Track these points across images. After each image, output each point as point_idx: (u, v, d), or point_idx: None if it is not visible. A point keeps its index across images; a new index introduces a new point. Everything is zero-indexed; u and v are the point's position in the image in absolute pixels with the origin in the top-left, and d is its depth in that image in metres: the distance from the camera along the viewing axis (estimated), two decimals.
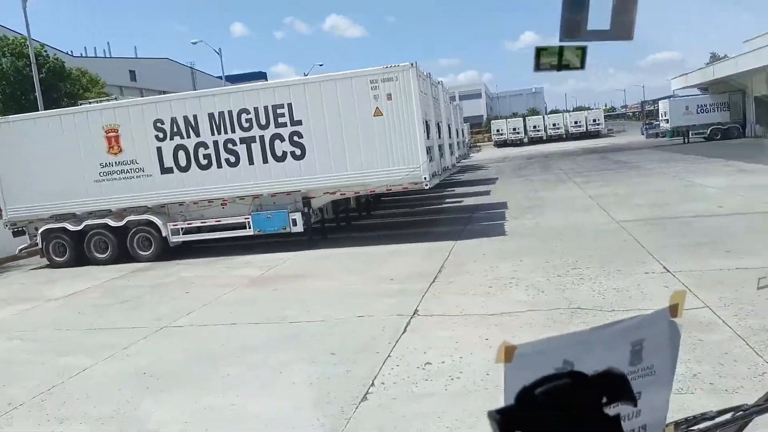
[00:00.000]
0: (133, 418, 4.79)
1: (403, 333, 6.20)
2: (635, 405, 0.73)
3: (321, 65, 52.59)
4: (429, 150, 12.00)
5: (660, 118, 41.66)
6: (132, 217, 12.65)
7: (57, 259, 13.07)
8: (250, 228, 12.30)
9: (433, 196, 18.88)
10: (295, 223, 12.08)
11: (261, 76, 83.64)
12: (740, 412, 0.95)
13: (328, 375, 5.26)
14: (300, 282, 9.32)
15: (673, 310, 0.75)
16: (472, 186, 21.88)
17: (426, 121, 11.93)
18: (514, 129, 62.13)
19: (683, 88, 41.99)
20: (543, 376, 0.66)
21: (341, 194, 12.34)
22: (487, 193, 19.05)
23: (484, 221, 13.50)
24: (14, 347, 7.25)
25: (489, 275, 8.29)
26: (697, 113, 35.42)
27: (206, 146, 12.16)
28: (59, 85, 36.23)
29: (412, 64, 11.32)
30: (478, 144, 60.81)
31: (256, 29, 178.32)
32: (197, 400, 5.00)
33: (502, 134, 62.26)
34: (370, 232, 13.78)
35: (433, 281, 8.29)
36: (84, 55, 61.58)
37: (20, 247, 13.57)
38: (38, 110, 24.67)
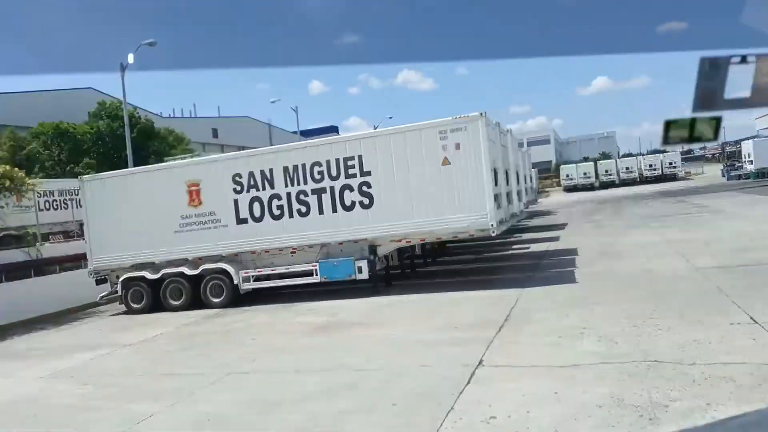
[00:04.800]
0: None
1: (467, 384, 5.99)
2: None
3: (390, 118, 54.07)
4: (497, 197, 11.88)
5: (743, 159, 39.44)
6: (207, 266, 13.14)
7: (134, 306, 13.70)
8: (317, 275, 12.46)
9: (500, 243, 18.52)
10: (360, 270, 12.15)
11: (333, 129, 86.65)
12: None
13: (388, 426, 5.12)
14: (363, 329, 9.27)
15: None
16: (541, 232, 21.30)
17: (494, 169, 11.87)
18: (585, 173, 60.54)
19: None
20: None
21: (407, 242, 12.35)
22: (556, 239, 18.48)
23: (553, 268, 13.06)
24: (87, 393, 7.54)
25: (558, 325, 7.94)
26: None
27: (279, 198, 12.60)
28: (148, 143, 39.04)
29: (481, 114, 11.39)
30: (546, 189, 59.73)
31: (333, 85, 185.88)
32: None
33: (571, 179, 60.78)
34: (435, 278, 13.63)
35: (499, 330, 8.02)
36: (172, 115, 66.18)
37: (101, 295, 14.32)
38: (128, 167, 26.63)
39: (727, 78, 0.58)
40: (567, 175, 61.45)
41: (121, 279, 13.74)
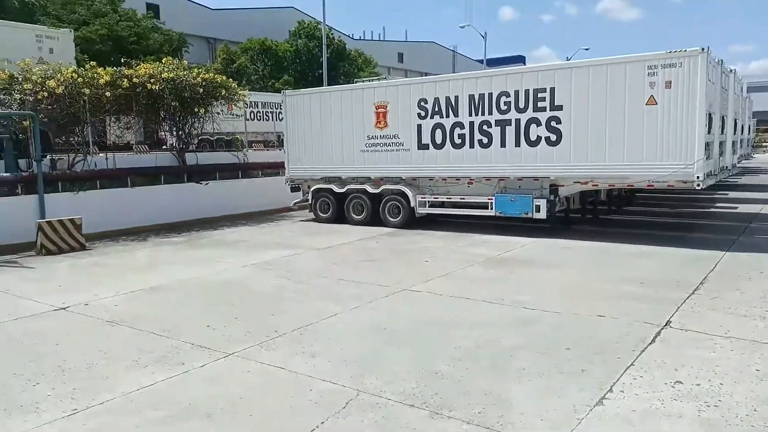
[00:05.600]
0: (369, 367, 5.20)
1: (650, 343, 5.59)
2: None
3: (587, 49, 49.94)
4: (708, 146, 10.48)
5: None
6: (387, 186, 13.72)
7: (321, 215, 14.96)
8: (491, 209, 12.34)
9: (701, 198, 16.58)
10: (538, 209, 11.74)
11: (519, 59, 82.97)
12: None
13: (561, 370, 5.01)
14: (537, 269, 9.05)
15: None
16: (753, 192, 18.60)
17: (709, 114, 10.42)
18: None
19: None
20: None
21: (593, 185, 11.57)
22: None
23: (764, 234, 11.41)
24: (281, 285, 8.48)
25: (767, 298, 6.98)
26: None
27: (462, 126, 12.47)
28: (339, 64, 40.92)
29: (702, 49, 9.93)
30: (765, 144, 51.59)
31: (525, 12, 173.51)
32: (428, 364, 5.22)
33: None
34: (620, 228, 12.71)
35: (693, 293, 7.30)
36: (362, 38, 68.29)
37: (294, 201, 15.79)
38: (321, 85, 28.28)
39: None
40: None
41: (311, 189, 15.01)
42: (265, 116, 29.00)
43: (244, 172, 17.68)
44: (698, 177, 10.11)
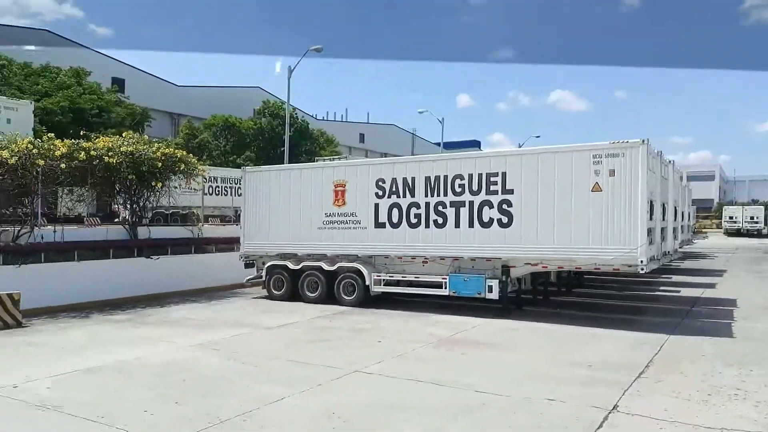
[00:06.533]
0: None
1: (598, 428, 5.62)
2: None
3: (538, 137, 53.02)
4: (650, 232, 11.00)
5: None
6: (342, 264, 13.73)
7: (275, 292, 14.73)
8: (445, 288, 12.45)
9: (646, 282, 17.16)
10: (491, 289, 11.92)
11: (475, 144, 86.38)
12: None
13: None
14: (489, 350, 9.08)
15: None
16: (694, 276, 19.40)
17: (650, 201, 11.03)
18: (752, 218, 54.36)
19: None
20: None
21: (543, 267, 11.88)
22: (711, 286, 16.73)
23: (705, 317, 11.83)
24: (228, 367, 8.20)
25: (708, 381, 7.18)
26: None
27: (418, 206, 12.78)
28: (302, 142, 41.75)
29: (643, 141, 10.66)
30: (704, 230, 54.38)
31: (481, 100, 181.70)
32: None
33: (735, 222, 54.90)
34: (569, 309, 12.96)
35: (639, 376, 7.43)
36: (325, 118, 70.16)
37: (248, 278, 15.56)
38: (283, 162, 28.66)
39: None
40: (730, 217, 55.70)
41: (266, 265, 14.84)
42: (223, 191, 28.97)
43: (197, 247, 17.41)
44: (642, 261, 10.53)
